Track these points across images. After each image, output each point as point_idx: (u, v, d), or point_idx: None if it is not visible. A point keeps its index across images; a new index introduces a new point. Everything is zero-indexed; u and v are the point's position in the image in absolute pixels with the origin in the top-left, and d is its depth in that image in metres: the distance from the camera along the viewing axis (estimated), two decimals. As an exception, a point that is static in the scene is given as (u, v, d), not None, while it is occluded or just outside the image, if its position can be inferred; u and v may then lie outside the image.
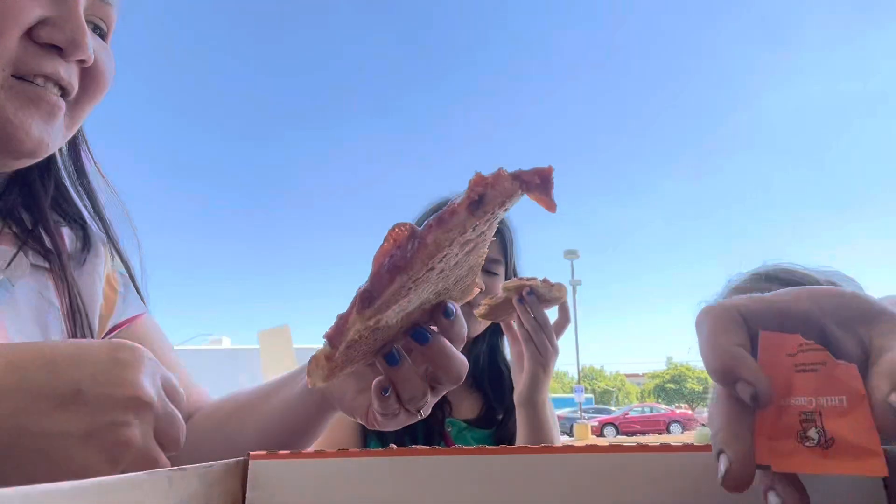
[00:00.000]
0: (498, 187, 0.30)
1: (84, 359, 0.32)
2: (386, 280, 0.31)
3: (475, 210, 0.30)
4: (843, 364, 0.28)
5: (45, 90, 0.48)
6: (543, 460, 0.32)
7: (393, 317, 0.35)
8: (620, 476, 0.32)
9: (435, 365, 0.41)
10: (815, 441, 0.27)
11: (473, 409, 1.10)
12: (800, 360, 0.28)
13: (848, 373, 0.27)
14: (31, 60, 0.46)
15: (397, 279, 0.31)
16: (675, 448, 0.33)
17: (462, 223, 0.30)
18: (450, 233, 0.30)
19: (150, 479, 0.24)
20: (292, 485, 0.32)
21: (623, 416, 22.66)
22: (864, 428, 0.26)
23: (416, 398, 0.43)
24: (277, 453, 0.33)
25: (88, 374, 0.32)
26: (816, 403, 0.27)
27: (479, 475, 0.32)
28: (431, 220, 0.31)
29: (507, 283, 0.91)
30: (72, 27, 0.47)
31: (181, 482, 0.26)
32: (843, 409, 0.27)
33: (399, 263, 0.31)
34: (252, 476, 0.32)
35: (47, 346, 0.33)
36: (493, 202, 0.30)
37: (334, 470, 0.32)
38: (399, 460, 0.33)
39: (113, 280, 0.62)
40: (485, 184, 0.30)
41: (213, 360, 9.82)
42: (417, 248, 0.30)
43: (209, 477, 0.29)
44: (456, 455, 0.33)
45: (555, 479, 0.32)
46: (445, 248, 0.31)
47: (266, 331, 3.72)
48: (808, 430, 0.27)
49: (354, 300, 0.32)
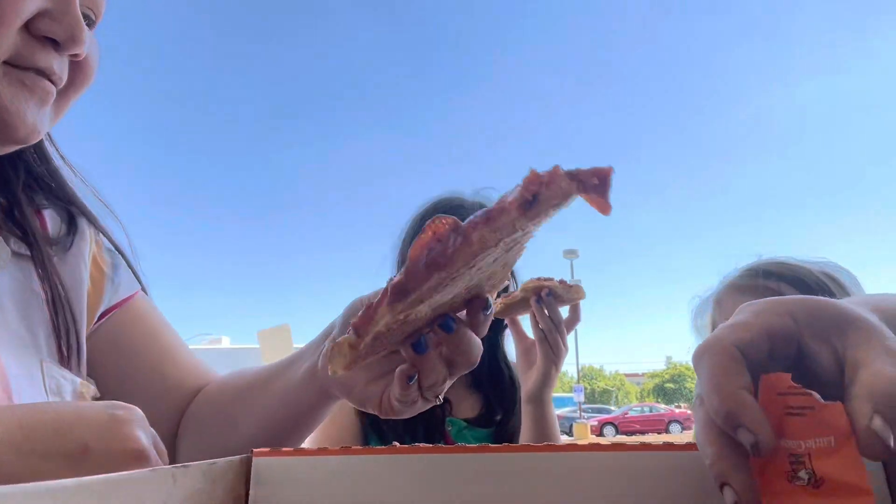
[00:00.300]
0: (553, 187, 0.28)
1: (87, 418, 0.34)
2: (423, 275, 0.30)
3: (527, 210, 0.28)
4: (830, 405, 0.28)
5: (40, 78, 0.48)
6: (546, 458, 0.32)
7: (424, 310, 0.34)
8: (623, 475, 0.32)
9: (455, 351, 0.42)
10: (804, 481, 0.27)
11: (473, 409, 1.10)
12: (789, 402, 0.29)
13: (834, 412, 0.27)
14: (27, 53, 0.46)
15: (435, 276, 0.30)
16: (678, 447, 0.33)
17: (511, 223, 0.29)
18: (497, 232, 0.29)
19: (153, 476, 0.24)
20: (295, 482, 0.32)
21: (622, 415, 22.66)
22: (852, 466, 0.26)
23: (437, 384, 0.43)
24: (281, 450, 0.33)
25: (94, 432, 0.33)
26: (805, 446, 0.27)
27: (482, 473, 0.32)
28: (478, 216, 0.29)
29: (526, 283, 0.94)
30: (70, 21, 0.47)
31: (185, 479, 0.26)
32: (831, 448, 0.27)
33: (439, 259, 0.29)
34: (255, 473, 0.32)
35: (49, 407, 0.34)
36: (547, 203, 0.28)
37: (337, 467, 0.32)
38: (402, 458, 0.33)
39: (100, 260, 0.61)
40: (540, 182, 0.28)
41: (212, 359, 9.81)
42: (460, 245, 0.29)
43: (213, 473, 0.29)
44: (459, 453, 0.33)
45: (557, 478, 0.32)
46: (491, 247, 0.29)
47: (266, 330, 3.72)
48: (798, 471, 0.27)
49: (385, 291, 0.31)
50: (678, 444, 0.33)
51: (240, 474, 0.31)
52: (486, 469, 0.32)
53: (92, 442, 0.33)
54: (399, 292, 0.31)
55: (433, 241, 0.30)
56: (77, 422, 0.33)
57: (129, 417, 0.35)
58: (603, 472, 0.32)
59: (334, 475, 0.32)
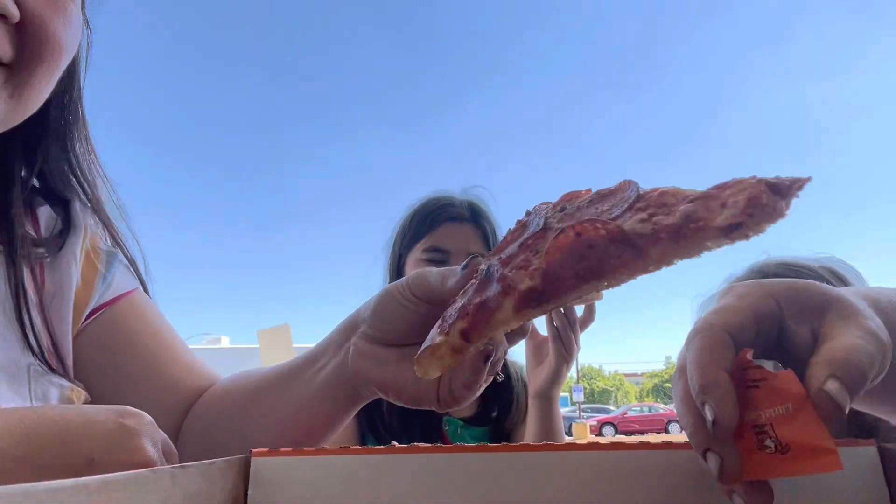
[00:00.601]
0: (769, 209, 0.24)
1: (95, 430, 0.33)
2: (570, 285, 0.26)
3: (731, 233, 0.25)
4: (780, 373, 0.29)
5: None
6: (546, 458, 0.32)
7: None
8: (623, 473, 0.32)
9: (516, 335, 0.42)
10: (772, 449, 0.28)
11: (470, 408, 1.11)
12: (749, 376, 0.30)
13: (787, 379, 0.29)
14: None
15: (585, 286, 0.26)
16: (677, 445, 0.33)
17: (704, 244, 0.25)
18: (684, 250, 0.25)
19: (152, 476, 0.24)
20: (294, 481, 0.32)
21: (622, 415, 22.65)
22: (812, 429, 0.27)
23: (501, 358, 0.41)
24: (279, 450, 0.33)
25: (101, 444, 0.32)
26: (766, 416, 0.29)
27: (480, 472, 0.32)
28: (661, 229, 0.26)
29: None
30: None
31: (183, 479, 0.26)
32: (789, 415, 0.28)
33: (595, 270, 0.26)
34: (254, 473, 0.32)
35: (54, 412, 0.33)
36: (757, 228, 0.25)
37: (336, 467, 0.32)
38: (400, 457, 0.32)
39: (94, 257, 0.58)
40: (758, 203, 0.24)
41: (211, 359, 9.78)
42: (632, 258, 0.26)
43: (211, 474, 0.29)
44: (457, 452, 0.33)
45: (557, 477, 0.32)
46: (669, 265, 0.26)
47: (265, 330, 3.72)
48: (765, 440, 0.28)
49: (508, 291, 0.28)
50: (677, 442, 0.33)
51: (238, 474, 0.31)
52: (484, 468, 0.32)
53: (98, 455, 0.32)
54: (533, 298, 0.27)
55: (581, 247, 0.26)
56: (85, 433, 0.32)
57: (137, 428, 0.34)
58: (603, 470, 0.32)
59: (333, 475, 0.32)
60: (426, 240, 1.10)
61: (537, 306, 0.27)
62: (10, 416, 0.32)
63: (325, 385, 0.47)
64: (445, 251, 1.09)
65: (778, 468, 0.28)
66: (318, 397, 0.47)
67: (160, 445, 0.35)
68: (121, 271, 0.60)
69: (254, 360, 5.97)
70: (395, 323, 0.43)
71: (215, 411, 0.54)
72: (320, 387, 0.47)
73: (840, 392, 0.27)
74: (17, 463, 0.30)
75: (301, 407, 0.48)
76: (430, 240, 1.10)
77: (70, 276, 0.55)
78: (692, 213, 0.25)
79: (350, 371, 0.45)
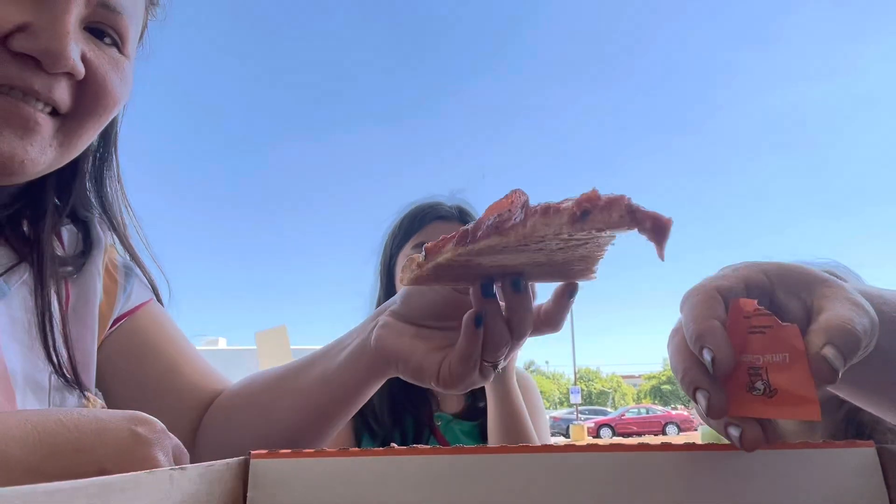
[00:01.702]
0: (607, 214, 0.30)
1: (107, 435, 0.33)
2: (484, 233, 0.33)
3: (574, 222, 0.31)
4: (787, 326, 0.32)
5: (22, 103, 0.44)
6: (544, 459, 0.32)
7: (486, 262, 0.37)
8: (622, 474, 0.32)
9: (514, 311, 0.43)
10: (761, 391, 0.31)
11: (459, 403, 1.14)
12: (753, 322, 0.33)
13: (791, 333, 0.31)
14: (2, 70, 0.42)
15: (492, 238, 0.33)
16: (677, 447, 0.33)
17: (559, 226, 0.31)
18: (546, 227, 0.31)
19: (151, 478, 0.24)
20: (293, 483, 0.32)
21: (619, 417, 22.68)
22: (802, 380, 0.30)
23: (499, 347, 0.44)
24: (278, 452, 0.33)
25: (112, 451, 0.33)
26: (763, 360, 0.32)
27: (480, 474, 0.32)
28: (540, 206, 0.32)
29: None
30: (50, 36, 0.43)
31: (182, 480, 0.26)
32: (785, 364, 0.31)
33: (498, 228, 0.33)
34: (253, 475, 0.32)
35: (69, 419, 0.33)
36: (594, 223, 0.31)
37: (335, 469, 0.32)
38: (399, 459, 0.32)
39: (112, 269, 0.61)
40: (595, 203, 0.31)
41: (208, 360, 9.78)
42: (517, 224, 0.32)
43: (210, 475, 0.28)
44: (457, 454, 0.33)
45: (555, 478, 0.32)
46: (538, 237, 0.32)
47: (264, 331, 3.73)
48: (756, 382, 0.32)
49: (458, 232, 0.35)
50: (676, 444, 0.33)
51: (237, 476, 0.31)
52: (484, 470, 0.32)
53: (109, 464, 0.32)
54: (463, 238, 0.35)
55: (504, 209, 0.33)
56: (98, 442, 0.33)
57: (149, 437, 0.34)
58: (602, 472, 0.32)
59: (332, 477, 0.32)
60: (415, 238, 1.13)
61: (464, 244, 0.35)
62: (25, 423, 0.32)
63: (348, 357, 0.51)
64: None
65: (762, 409, 0.31)
66: (341, 369, 0.52)
67: (172, 451, 0.36)
68: (137, 282, 0.64)
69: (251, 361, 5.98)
70: (421, 300, 0.48)
71: (241, 399, 0.58)
72: (344, 359, 0.52)
73: (836, 357, 0.30)
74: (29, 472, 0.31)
75: (326, 379, 0.52)
76: (418, 238, 1.13)
77: (94, 291, 0.58)
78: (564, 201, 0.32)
79: (372, 342, 0.49)
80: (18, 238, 0.53)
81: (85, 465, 0.32)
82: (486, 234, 0.33)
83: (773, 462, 0.32)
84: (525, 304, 0.43)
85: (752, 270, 0.37)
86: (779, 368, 0.31)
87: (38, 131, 0.46)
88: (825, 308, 0.33)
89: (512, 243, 0.33)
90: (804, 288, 0.36)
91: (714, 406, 0.32)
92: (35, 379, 0.50)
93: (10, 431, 0.31)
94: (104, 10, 0.48)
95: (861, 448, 0.32)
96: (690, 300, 0.35)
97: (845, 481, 0.31)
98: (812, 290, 0.35)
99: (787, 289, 0.36)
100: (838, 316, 0.32)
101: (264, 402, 0.56)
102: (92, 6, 0.47)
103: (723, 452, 0.32)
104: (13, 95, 0.44)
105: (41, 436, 0.32)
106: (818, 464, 0.31)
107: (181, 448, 0.37)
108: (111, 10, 0.48)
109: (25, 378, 0.49)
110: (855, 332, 0.31)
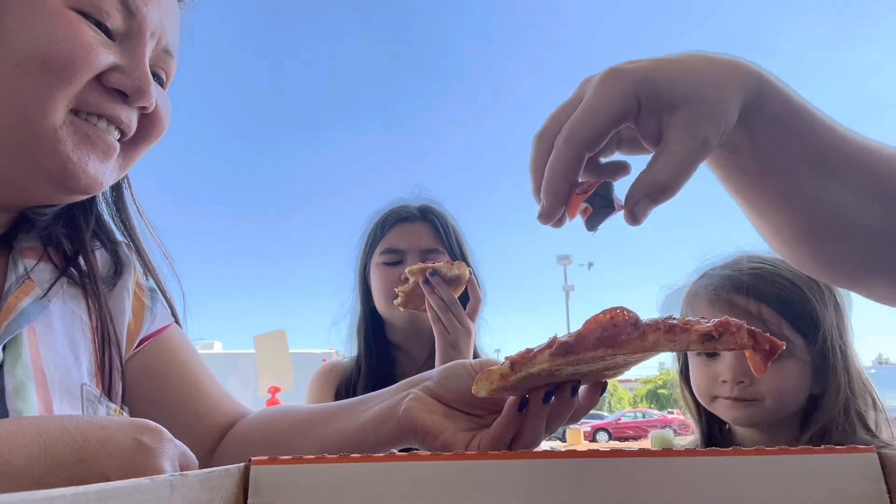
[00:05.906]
0: (737, 336, 0.33)
1: (111, 444, 0.33)
2: (590, 345, 0.35)
3: (705, 342, 0.33)
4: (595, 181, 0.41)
5: (104, 131, 0.51)
6: (545, 465, 0.32)
7: (567, 371, 0.40)
8: (622, 480, 0.32)
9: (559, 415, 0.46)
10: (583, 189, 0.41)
11: None
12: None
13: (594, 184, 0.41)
14: (95, 101, 0.50)
15: (599, 350, 0.34)
16: (677, 453, 0.33)
17: (687, 344, 0.33)
18: (671, 344, 0.33)
19: (152, 485, 0.24)
20: (293, 490, 0.32)
21: (616, 421, 22.68)
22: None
23: (532, 440, 0.47)
24: (279, 458, 0.32)
25: (116, 461, 0.33)
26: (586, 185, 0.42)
27: (480, 480, 0.32)
28: (661, 323, 0.34)
29: (410, 267, 0.97)
30: (139, 76, 0.51)
31: (183, 488, 0.26)
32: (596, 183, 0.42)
33: (609, 340, 0.34)
34: (253, 481, 0.32)
35: (75, 427, 0.34)
36: (723, 345, 0.33)
37: (335, 475, 0.32)
38: (400, 465, 0.32)
39: (140, 293, 0.65)
40: (727, 329, 0.33)
41: (205, 363, 9.73)
42: (635, 337, 0.34)
43: (211, 482, 0.28)
44: (458, 460, 0.33)
45: (557, 484, 0.32)
46: (659, 352, 0.35)
47: (262, 335, 3.72)
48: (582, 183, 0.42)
49: (552, 343, 0.36)
50: (678, 450, 0.33)
51: (238, 483, 0.31)
52: (484, 475, 0.32)
53: (113, 473, 0.32)
54: (563, 350, 0.35)
55: (609, 324, 0.35)
56: (101, 451, 0.33)
57: (154, 447, 0.34)
58: (602, 478, 0.32)
59: (332, 483, 0.32)
60: (382, 244, 1.16)
61: (564, 356, 0.35)
62: (31, 430, 0.32)
63: (372, 419, 0.54)
64: (400, 251, 1.14)
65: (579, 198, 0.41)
66: (363, 429, 0.54)
67: (178, 459, 0.36)
68: (160, 305, 0.67)
69: (248, 365, 5.95)
70: (457, 385, 0.51)
71: (259, 435, 0.60)
72: (367, 420, 0.54)
73: (648, 207, 0.38)
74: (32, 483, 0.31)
75: (347, 437, 0.55)
76: (385, 243, 1.15)
77: (124, 311, 0.61)
78: (689, 321, 0.35)
79: (400, 411, 0.52)
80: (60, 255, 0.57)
81: (90, 474, 0.32)
82: (592, 345, 0.34)
83: (774, 467, 0.32)
84: (571, 406, 0.46)
85: (623, 96, 0.38)
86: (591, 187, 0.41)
87: (112, 156, 0.53)
88: (665, 144, 0.38)
89: (623, 355, 0.35)
90: (666, 109, 0.38)
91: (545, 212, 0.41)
92: (70, 389, 0.52)
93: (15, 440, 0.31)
94: (165, 54, 0.57)
95: (863, 454, 0.32)
96: (558, 147, 0.40)
97: (847, 487, 0.31)
98: (672, 113, 0.38)
99: (651, 109, 0.39)
100: (664, 168, 0.38)
101: (284, 444, 0.58)
102: (157, 51, 0.56)
103: (723, 458, 0.32)
104: (99, 124, 0.51)
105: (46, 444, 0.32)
106: (819, 469, 0.31)
107: (188, 455, 0.37)
108: (169, 55, 0.58)
109: (62, 388, 0.51)
110: (670, 184, 0.38)
